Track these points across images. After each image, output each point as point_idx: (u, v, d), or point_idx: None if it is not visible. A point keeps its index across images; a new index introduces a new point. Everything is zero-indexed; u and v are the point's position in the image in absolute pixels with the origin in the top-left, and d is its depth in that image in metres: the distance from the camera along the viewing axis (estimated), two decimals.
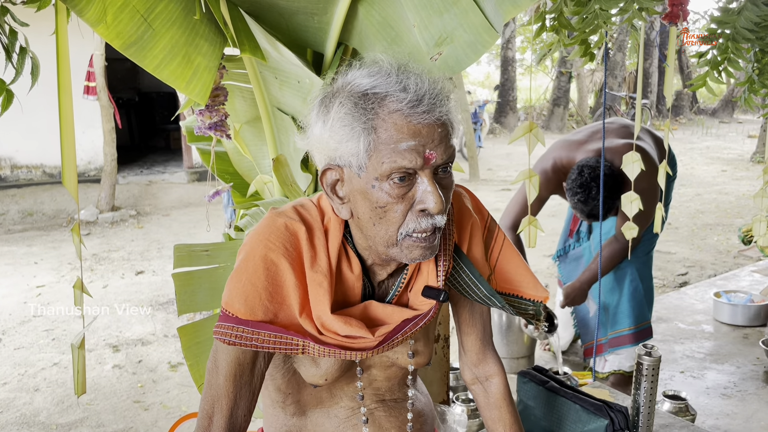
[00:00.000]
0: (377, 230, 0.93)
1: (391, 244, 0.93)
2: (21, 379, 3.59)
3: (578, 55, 1.87)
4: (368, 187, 0.90)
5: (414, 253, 0.94)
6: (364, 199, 0.92)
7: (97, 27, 1.24)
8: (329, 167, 0.95)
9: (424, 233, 0.92)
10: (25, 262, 5.88)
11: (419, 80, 0.90)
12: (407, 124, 0.87)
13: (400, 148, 0.87)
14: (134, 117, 11.81)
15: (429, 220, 0.92)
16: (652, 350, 1.57)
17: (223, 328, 0.95)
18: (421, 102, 0.88)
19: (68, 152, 1.24)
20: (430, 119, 0.88)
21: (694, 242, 6.31)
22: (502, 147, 13.00)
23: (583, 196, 2.54)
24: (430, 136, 0.88)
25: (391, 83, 0.89)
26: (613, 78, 16.24)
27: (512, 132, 1.80)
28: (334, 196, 0.96)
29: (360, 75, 0.93)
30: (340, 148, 0.91)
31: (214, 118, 1.52)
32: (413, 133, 0.88)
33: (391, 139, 0.88)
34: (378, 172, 0.89)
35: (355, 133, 0.89)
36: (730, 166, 11.09)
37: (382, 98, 0.89)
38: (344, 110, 0.90)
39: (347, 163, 0.92)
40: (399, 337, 1.01)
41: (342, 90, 0.93)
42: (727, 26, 1.93)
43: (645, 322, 2.87)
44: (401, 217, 0.91)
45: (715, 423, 2.85)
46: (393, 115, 0.88)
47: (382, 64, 0.93)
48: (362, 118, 0.89)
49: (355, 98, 0.90)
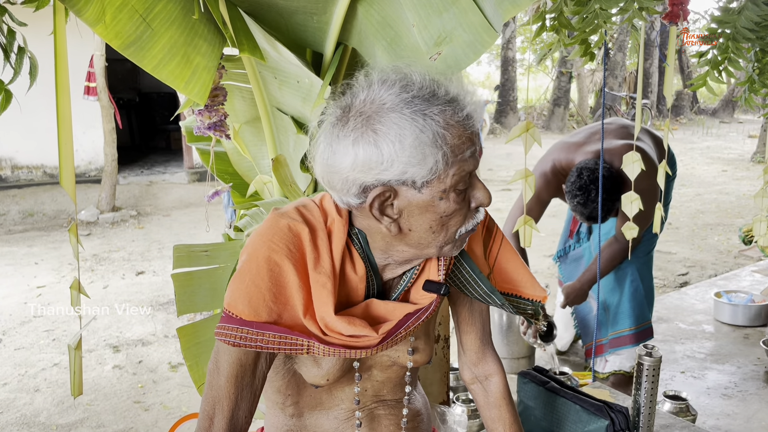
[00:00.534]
0: (436, 236, 0.95)
1: (448, 243, 0.97)
2: (21, 380, 3.59)
3: (578, 55, 1.87)
4: (434, 200, 0.91)
5: (460, 244, 0.99)
6: (426, 212, 0.92)
7: (96, 27, 1.24)
8: (383, 190, 0.91)
9: (476, 227, 0.98)
10: (25, 263, 5.88)
11: (455, 87, 0.92)
12: (465, 133, 0.90)
13: (466, 156, 0.90)
14: (135, 117, 11.80)
15: (481, 213, 0.98)
16: (653, 351, 1.56)
17: (226, 329, 0.95)
18: (465, 111, 0.91)
19: (66, 153, 1.24)
20: (474, 126, 0.92)
21: (695, 242, 6.30)
22: (503, 147, 12.99)
23: (582, 198, 2.54)
24: (476, 138, 0.93)
25: (439, 95, 0.90)
26: (614, 78, 16.23)
27: (511, 131, 1.80)
28: (383, 217, 0.94)
29: (397, 90, 0.89)
30: (408, 170, 0.88)
31: (214, 118, 1.52)
32: (470, 141, 0.91)
33: (457, 150, 0.89)
34: (446, 185, 0.90)
35: (427, 153, 0.87)
36: (730, 166, 11.08)
37: (440, 113, 0.88)
38: (409, 132, 0.87)
39: (407, 182, 0.89)
40: (402, 332, 1.01)
41: (383, 109, 0.89)
42: (728, 26, 1.92)
43: (646, 322, 2.87)
44: (463, 218, 0.95)
45: (716, 423, 2.84)
46: (453, 128, 0.89)
47: (410, 76, 0.92)
48: (432, 138, 0.87)
49: (411, 117, 0.87)
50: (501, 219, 7.20)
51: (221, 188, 1.64)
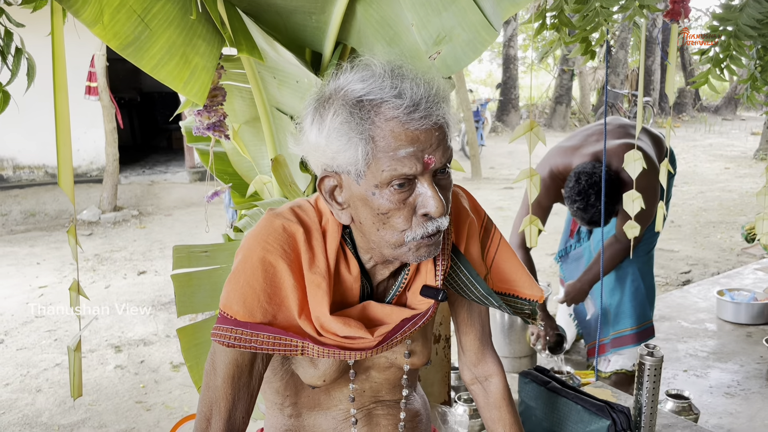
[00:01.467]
0: (382, 234, 0.93)
1: (399, 245, 0.93)
2: (23, 380, 3.59)
3: (579, 53, 1.86)
4: (368, 194, 0.90)
5: (420, 252, 0.94)
6: (365, 206, 0.92)
7: (94, 27, 1.24)
8: (327, 174, 0.94)
9: (429, 236, 0.92)
10: (27, 263, 5.89)
11: (414, 84, 0.89)
12: (405, 131, 0.87)
13: (399, 155, 0.87)
14: (136, 117, 11.80)
15: (433, 223, 0.92)
16: (654, 350, 1.56)
17: (221, 330, 0.95)
18: (417, 108, 0.87)
19: (64, 153, 1.23)
20: (427, 124, 0.87)
21: (697, 240, 6.29)
22: (504, 145, 12.98)
23: (582, 203, 2.52)
24: (428, 141, 0.88)
25: (386, 89, 0.88)
26: (616, 76, 16.20)
27: (514, 130, 1.79)
28: (333, 202, 0.96)
29: (353, 80, 0.91)
30: (337, 157, 0.90)
31: (213, 118, 1.51)
32: (411, 140, 0.87)
33: (389, 147, 0.87)
34: (378, 180, 0.88)
35: (352, 143, 0.88)
36: (733, 164, 11.05)
37: (377, 105, 0.88)
38: (339, 120, 0.89)
39: (345, 171, 0.91)
40: (398, 337, 1.01)
41: (335, 96, 0.91)
42: (730, 23, 1.91)
43: (647, 321, 2.86)
44: (405, 222, 0.91)
45: (719, 422, 2.83)
46: (390, 123, 0.87)
47: (374, 68, 0.91)
48: (359, 128, 0.88)
49: (349, 107, 0.89)
50: (503, 217, 7.18)
51: (220, 188, 1.64)
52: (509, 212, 7.07)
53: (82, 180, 8.68)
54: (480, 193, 8.54)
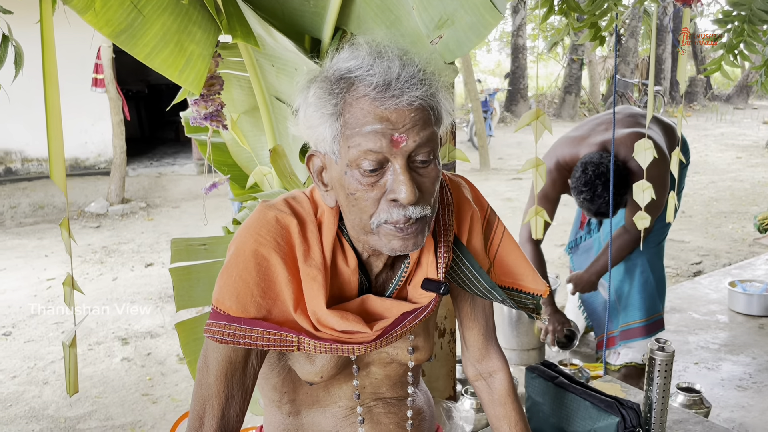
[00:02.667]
0: (353, 218, 0.91)
1: (369, 232, 0.90)
2: (30, 372, 3.60)
3: (588, 39, 1.81)
4: (342, 173, 0.88)
5: (393, 243, 0.90)
6: (340, 186, 0.90)
7: (85, 15, 1.20)
8: (313, 153, 0.94)
9: (397, 224, 0.88)
10: (35, 255, 5.90)
11: (392, 63, 0.86)
12: (374, 109, 0.85)
13: (365, 131, 0.85)
14: (144, 109, 11.80)
15: (401, 210, 0.87)
16: (665, 345, 1.51)
17: (213, 326, 0.93)
18: (388, 87, 0.85)
19: (56, 145, 1.20)
20: (399, 104, 0.85)
21: (709, 231, 6.21)
22: (513, 136, 12.88)
23: (588, 194, 2.47)
24: (400, 120, 0.85)
25: (364, 67, 0.87)
26: (626, 65, 16.02)
27: (520, 119, 1.74)
28: (319, 183, 0.95)
29: (342, 59, 0.90)
30: (315, 133, 0.90)
31: (210, 108, 1.47)
32: (380, 119, 0.84)
33: (356, 123, 0.85)
34: (348, 158, 0.87)
35: (324, 118, 0.87)
36: (745, 153, 10.91)
37: (351, 83, 0.87)
38: (317, 95, 0.89)
39: (324, 150, 0.90)
40: (398, 331, 0.98)
41: (321, 74, 0.91)
42: (743, 8, 1.85)
43: (656, 314, 2.82)
44: (372, 205, 0.88)
45: (730, 415, 2.79)
46: (360, 101, 0.85)
47: (362, 48, 0.90)
48: (331, 103, 0.87)
49: (329, 83, 0.88)
50: (511, 208, 7.14)
51: (219, 180, 1.61)
52: (518, 203, 7.01)
53: (90, 172, 8.70)
54: (488, 184, 8.48)
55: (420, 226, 0.90)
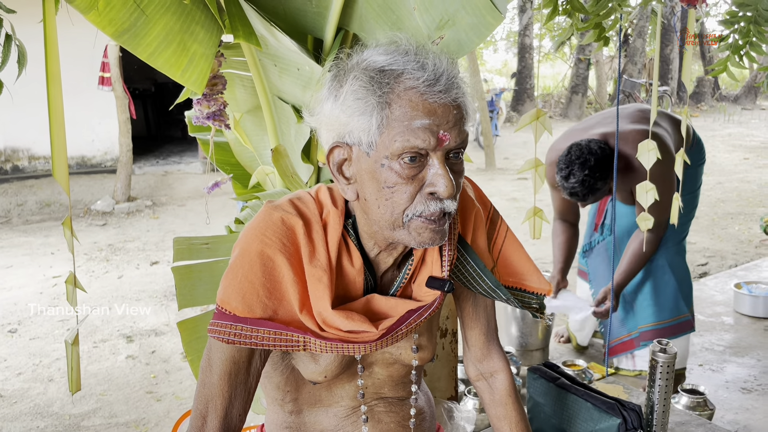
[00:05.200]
0: (382, 212, 0.90)
1: (398, 226, 0.90)
2: (35, 369, 3.61)
3: (592, 39, 1.81)
4: (377, 166, 0.88)
5: (423, 236, 0.90)
6: (372, 179, 0.89)
7: (89, 14, 1.21)
8: (337, 145, 0.92)
9: (431, 217, 0.89)
10: (42, 253, 5.93)
11: (437, 60, 0.88)
12: (423, 102, 0.85)
13: (414, 125, 0.85)
14: (150, 107, 11.84)
15: (438, 204, 0.88)
16: (667, 347, 1.51)
17: (219, 326, 0.93)
18: (438, 81, 0.86)
19: (58, 143, 1.21)
20: (446, 99, 0.86)
21: (715, 232, 6.18)
22: (519, 135, 12.83)
23: (565, 172, 2.48)
24: (445, 116, 0.86)
25: (409, 61, 0.87)
26: (633, 65, 15.95)
27: (520, 119, 1.74)
28: (340, 176, 0.94)
29: (377, 53, 0.90)
30: (351, 123, 0.88)
31: (212, 107, 1.48)
32: (428, 112, 0.85)
33: (405, 116, 0.85)
34: (389, 150, 0.86)
35: (368, 107, 0.87)
36: (752, 154, 10.84)
37: (398, 74, 0.86)
38: (359, 83, 0.88)
39: (357, 141, 0.89)
40: (403, 329, 0.98)
41: (357, 66, 0.90)
42: (749, 8, 1.85)
43: (680, 315, 2.78)
44: (409, 198, 0.88)
45: (734, 418, 2.77)
46: (409, 92, 0.85)
47: (400, 43, 0.91)
48: (377, 92, 0.86)
49: (370, 73, 0.88)
50: (516, 208, 7.09)
51: (221, 179, 1.61)
52: (523, 203, 6.99)
53: (97, 170, 8.73)
54: (494, 184, 8.47)
55: (447, 220, 0.92)
